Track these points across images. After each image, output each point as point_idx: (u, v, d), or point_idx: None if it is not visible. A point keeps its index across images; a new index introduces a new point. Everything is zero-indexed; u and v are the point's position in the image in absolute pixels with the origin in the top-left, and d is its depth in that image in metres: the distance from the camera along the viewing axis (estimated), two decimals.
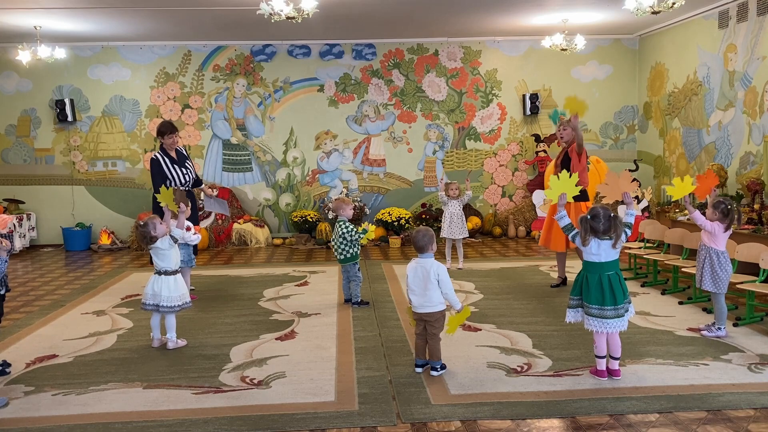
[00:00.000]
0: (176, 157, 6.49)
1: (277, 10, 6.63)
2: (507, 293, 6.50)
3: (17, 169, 10.57)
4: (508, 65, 10.89)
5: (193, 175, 6.60)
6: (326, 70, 10.75)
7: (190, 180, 6.54)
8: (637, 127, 11.07)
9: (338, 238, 5.99)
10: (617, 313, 3.96)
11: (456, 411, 3.61)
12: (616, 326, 3.97)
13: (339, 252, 6.02)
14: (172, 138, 6.44)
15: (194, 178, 6.65)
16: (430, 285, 4.10)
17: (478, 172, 11.00)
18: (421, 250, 4.18)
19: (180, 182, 6.40)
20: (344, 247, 5.98)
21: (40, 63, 9.34)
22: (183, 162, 6.52)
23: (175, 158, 6.46)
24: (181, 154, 6.58)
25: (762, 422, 3.41)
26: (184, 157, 6.60)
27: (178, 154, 6.53)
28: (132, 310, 5.98)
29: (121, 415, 3.65)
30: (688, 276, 6.14)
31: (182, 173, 6.44)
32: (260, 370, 4.36)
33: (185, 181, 6.47)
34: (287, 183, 10.88)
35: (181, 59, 10.60)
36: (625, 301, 4.01)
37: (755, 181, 7.41)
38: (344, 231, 5.95)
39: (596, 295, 3.97)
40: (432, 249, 4.19)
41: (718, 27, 8.62)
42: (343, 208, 6.09)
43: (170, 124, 6.54)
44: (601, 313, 3.96)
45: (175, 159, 6.46)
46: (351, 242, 5.96)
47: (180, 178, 6.42)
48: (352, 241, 5.95)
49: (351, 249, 5.98)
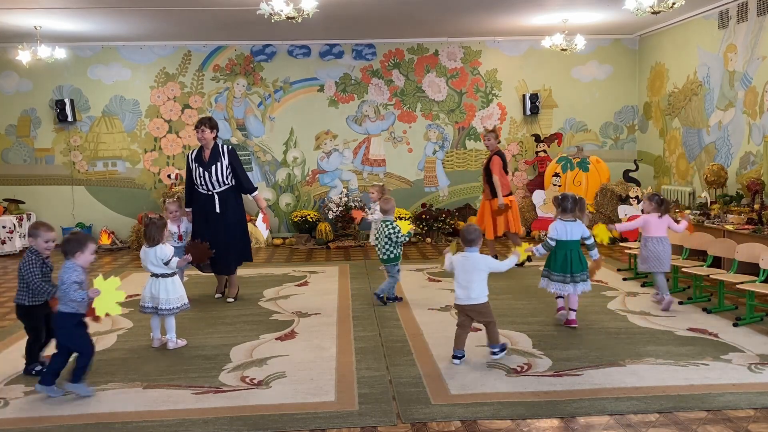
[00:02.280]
0: (206, 156, 6.13)
1: (277, 10, 6.63)
2: (507, 293, 6.50)
3: (17, 169, 10.57)
4: (508, 65, 10.89)
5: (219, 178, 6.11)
6: (326, 70, 10.76)
7: (208, 184, 6.13)
8: (637, 127, 11.07)
9: (383, 239, 6.00)
10: (574, 279, 5.07)
11: (456, 411, 3.61)
12: (574, 290, 5.09)
13: (383, 252, 6.03)
14: (197, 133, 6.15)
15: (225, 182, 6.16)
16: (476, 277, 4.36)
17: (478, 172, 11.00)
18: (470, 243, 4.43)
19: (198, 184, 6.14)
20: (389, 247, 6.01)
21: (40, 63, 9.34)
22: (211, 163, 6.11)
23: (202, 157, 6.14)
24: (215, 153, 6.14)
25: (762, 422, 3.41)
26: (217, 156, 6.14)
27: (212, 153, 6.13)
28: (132, 310, 5.98)
29: (121, 415, 3.65)
30: (688, 276, 6.14)
31: (200, 175, 6.11)
32: (260, 370, 4.36)
33: (200, 183, 6.14)
34: (287, 183, 10.88)
35: (181, 59, 10.61)
36: (581, 272, 5.08)
37: (755, 181, 7.41)
38: (391, 232, 5.96)
39: (562, 266, 5.07)
40: (479, 243, 4.45)
41: (718, 27, 8.62)
42: (392, 208, 6.15)
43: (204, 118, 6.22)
44: (563, 279, 5.08)
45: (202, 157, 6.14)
46: (396, 244, 6.00)
47: (198, 180, 6.14)
48: (398, 242, 5.99)
49: (395, 250, 6.03)
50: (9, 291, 7.15)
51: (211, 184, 6.13)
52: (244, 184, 6.27)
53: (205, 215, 6.16)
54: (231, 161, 6.16)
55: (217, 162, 6.11)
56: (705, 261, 6.40)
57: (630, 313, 5.60)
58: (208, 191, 6.16)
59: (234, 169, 6.18)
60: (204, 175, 6.11)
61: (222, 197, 6.15)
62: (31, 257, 4.24)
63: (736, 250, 5.70)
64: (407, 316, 5.71)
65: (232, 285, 6.47)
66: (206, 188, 6.16)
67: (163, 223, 5.00)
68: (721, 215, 7.46)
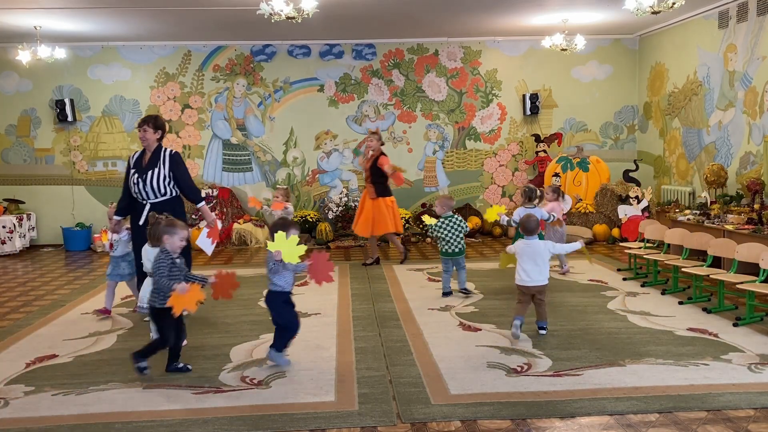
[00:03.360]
0: (146, 160, 5.36)
1: (277, 10, 6.63)
2: (507, 293, 6.49)
3: (17, 169, 10.57)
4: (508, 65, 10.89)
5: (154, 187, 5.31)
6: (326, 70, 10.76)
7: (142, 192, 5.30)
8: (637, 127, 11.07)
9: (455, 231, 6.36)
10: None
11: (456, 411, 3.61)
12: None
13: (456, 244, 6.36)
14: (139, 132, 5.41)
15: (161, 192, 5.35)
16: (540, 261, 4.88)
17: (477, 172, 11.01)
18: (531, 232, 4.94)
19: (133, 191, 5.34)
20: (461, 239, 6.41)
21: (40, 63, 9.34)
22: (147, 169, 5.33)
23: (142, 160, 5.37)
24: (155, 158, 5.36)
25: (762, 422, 3.41)
26: (156, 162, 5.35)
27: (152, 157, 5.36)
28: (132, 310, 5.98)
29: (121, 415, 3.65)
30: (688, 276, 6.14)
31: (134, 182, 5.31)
32: (260, 370, 4.36)
33: (135, 191, 5.33)
34: (287, 183, 10.88)
35: (181, 59, 10.61)
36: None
37: (755, 181, 7.41)
38: (463, 225, 6.44)
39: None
40: (538, 231, 4.99)
41: (718, 27, 8.62)
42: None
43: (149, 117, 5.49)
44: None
45: (141, 161, 5.37)
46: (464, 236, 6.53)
47: (132, 187, 5.35)
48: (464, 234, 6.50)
49: (463, 241, 6.46)
50: (9, 291, 7.16)
51: (144, 193, 5.32)
52: (187, 194, 5.52)
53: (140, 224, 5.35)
54: (172, 169, 5.35)
55: (155, 168, 5.31)
56: (705, 261, 6.40)
57: (630, 313, 5.60)
58: (142, 200, 5.37)
59: (176, 177, 5.38)
60: (138, 182, 5.30)
61: (156, 209, 5.15)
62: (161, 256, 4.18)
63: (736, 250, 5.69)
64: (407, 316, 5.71)
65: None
66: (140, 197, 5.35)
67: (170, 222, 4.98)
68: (721, 215, 7.46)
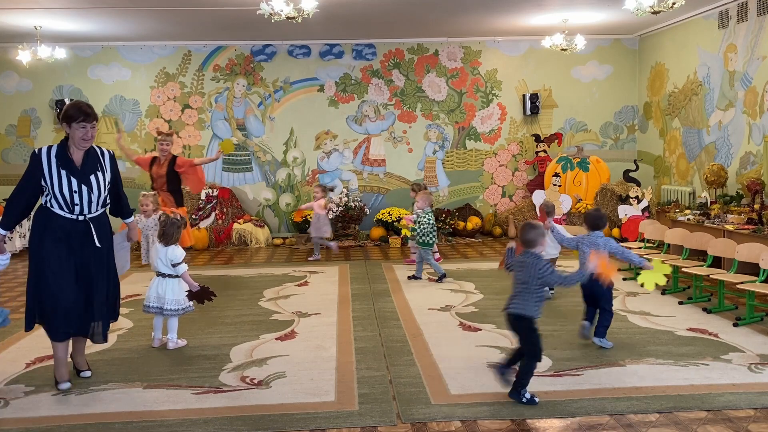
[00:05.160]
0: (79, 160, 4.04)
1: (277, 10, 6.63)
2: (507, 293, 6.45)
3: (17, 169, 10.56)
4: (508, 65, 10.89)
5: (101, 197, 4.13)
6: (326, 70, 10.76)
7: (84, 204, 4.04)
8: (637, 127, 11.07)
9: (429, 226, 7.06)
10: None
11: (456, 411, 3.62)
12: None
13: (431, 236, 7.06)
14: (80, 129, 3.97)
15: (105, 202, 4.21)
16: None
17: (478, 172, 11.01)
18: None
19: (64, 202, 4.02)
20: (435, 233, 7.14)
21: (40, 63, 9.34)
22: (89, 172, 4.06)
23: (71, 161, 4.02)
24: (93, 158, 4.10)
25: (762, 422, 3.41)
26: (96, 163, 4.11)
27: (89, 158, 4.07)
28: (132, 310, 5.98)
29: (121, 415, 3.65)
30: (688, 276, 6.15)
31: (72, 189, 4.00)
32: (260, 370, 4.36)
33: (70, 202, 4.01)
34: (287, 183, 10.88)
35: (181, 59, 10.61)
36: None
37: (755, 181, 7.41)
38: (433, 220, 7.15)
39: None
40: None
41: (718, 27, 8.62)
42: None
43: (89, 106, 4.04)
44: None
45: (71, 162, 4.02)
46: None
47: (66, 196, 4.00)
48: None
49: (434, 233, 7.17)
50: (8, 291, 7.16)
51: (87, 205, 4.06)
52: (125, 206, 4.49)
53: (69, 251, 4.03)
54: (114, 173, 4.27)
55: (97, 172, 4.08)
56: (705, 261, 6.41)
57: (630, 313, 5.60)
58: (78, 215, 4.06)
59: (117, 184, 4.33)
60: (81, 189, 4.01)
61: (97, 225, 4.15)
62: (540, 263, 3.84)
63: (736, 250, 5.69)
64: (407, 316, 5.71)
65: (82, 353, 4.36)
66: (78, 210, 4.04)
67: (183, 222, 5.01)
68: (721, 215, 7.46)
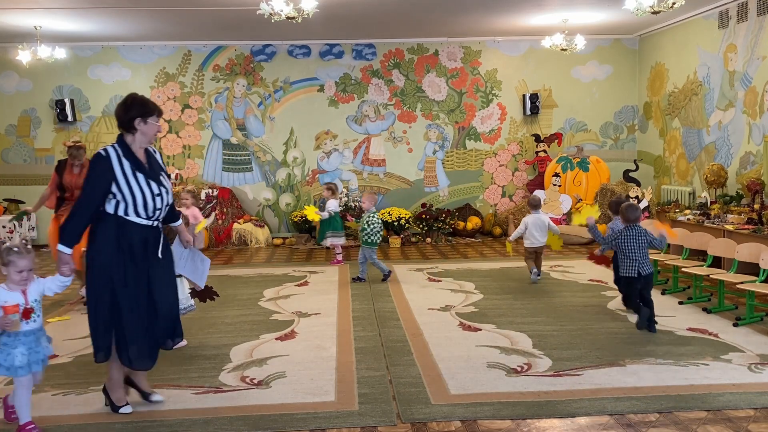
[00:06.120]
0: (145, 161, 3.69)
1: (277, 10, 6.63)
2: (507, 293, 6.50)
3: (17, 169, 10.57)
4: (508, 65, 10.89)
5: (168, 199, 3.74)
6: (326, 70, 10.75)
7: (157, 209, 3.65)
8: (637, 127, 11.07)
9: (377, 225, 7.22)
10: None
11: (456, 411, 3.61)
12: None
13: (378, 236, 7.22)
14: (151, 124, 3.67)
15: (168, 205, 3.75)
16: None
17: (478, 172, 11.01)
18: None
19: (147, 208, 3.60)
20: (381, 233, 7.32)
21: (40, 63, 9.34)
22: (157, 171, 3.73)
23: (140, 163, 3.64)
24: (151, 157, 3.76)
25: (762, 422, 3.41)
26: (157, 162, 3.79)
27: (148, 158, 3.73)
28: None
29: (121, 415, 3.65)
30: (688, 276, 6.15)
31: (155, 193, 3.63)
32: (260, 370, 4.36)
33: (152, 207, 3.62)
34: (287, 183, 10.89)
35: (181, 59, 10.61)
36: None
37: (755, 181, 7.41)
38: (379, 221, 7.30)
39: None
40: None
41: (718, 27, 8.62)
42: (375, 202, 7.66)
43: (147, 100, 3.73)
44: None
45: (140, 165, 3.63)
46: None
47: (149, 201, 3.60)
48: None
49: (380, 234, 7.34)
50: None
51: (162, 210, 3.71)
52: (173, 208, 4.03)
53: (145, 263, 3.62)
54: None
55: (161, 172, 3.79)
56: (705, 261, 6.40)
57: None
58: (155, 220, 3.70)
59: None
60: (161, 191, 3.67)
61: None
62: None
63: (736, 250, 5.69)
64: (407, 316, 5.71)
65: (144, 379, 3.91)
66: (157, 215, 3.69)
67: (186, 220, 5.01)
68: (721, 215, 7.46)
